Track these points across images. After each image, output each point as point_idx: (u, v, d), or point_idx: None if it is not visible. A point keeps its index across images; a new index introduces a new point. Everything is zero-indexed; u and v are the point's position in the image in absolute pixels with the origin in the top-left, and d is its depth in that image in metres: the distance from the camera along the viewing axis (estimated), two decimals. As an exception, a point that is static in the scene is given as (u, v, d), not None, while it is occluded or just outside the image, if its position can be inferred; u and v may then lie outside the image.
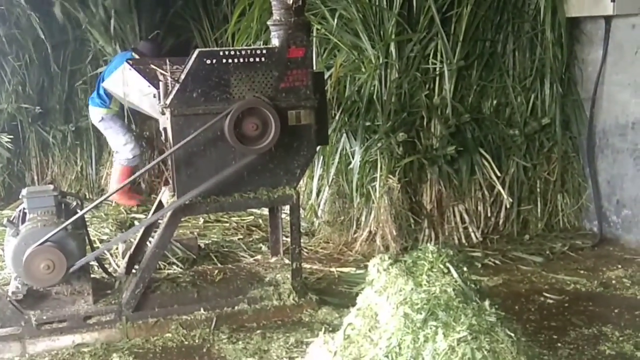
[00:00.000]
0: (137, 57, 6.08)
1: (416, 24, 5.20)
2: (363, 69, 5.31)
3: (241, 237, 5.68)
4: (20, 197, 3.80)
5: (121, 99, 4.79)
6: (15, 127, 7.04)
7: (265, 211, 5.42)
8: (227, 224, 5.99)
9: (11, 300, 3.59)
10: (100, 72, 6.57)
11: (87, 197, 7.00)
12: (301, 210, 5.19)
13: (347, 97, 5.33)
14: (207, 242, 5.46)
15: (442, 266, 2.89)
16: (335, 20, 5.20)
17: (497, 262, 4.92)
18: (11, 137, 6.87)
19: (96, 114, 6.36)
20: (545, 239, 5.37)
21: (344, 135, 5.31)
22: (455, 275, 2.82)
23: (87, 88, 7.11)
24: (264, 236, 5.65)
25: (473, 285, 2.85)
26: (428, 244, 3.09)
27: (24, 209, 3.79)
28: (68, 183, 7.13)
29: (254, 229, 5.91)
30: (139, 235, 4.32)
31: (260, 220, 6.05)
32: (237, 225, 5.97)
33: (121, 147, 6.39)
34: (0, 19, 6.78)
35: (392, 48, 5.18)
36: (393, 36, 5.15)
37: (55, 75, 7.09)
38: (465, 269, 2.92)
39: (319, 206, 5.59)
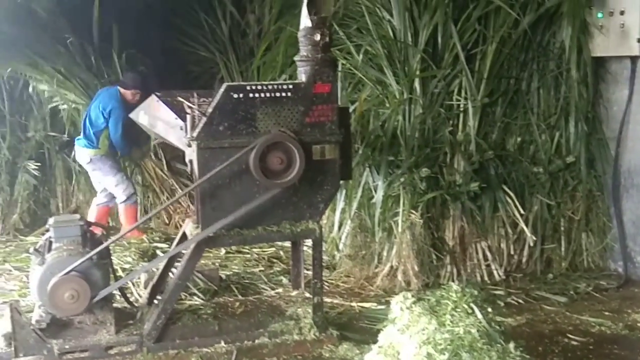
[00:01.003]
0: (123, 90, 6.17)
1: (441, 60, 5.25)
2: (387, 104, 5.35)
3: (262, 269, 5.68)
4: (46, 225, 3.85)
5: (148, 130, 4.84)
6: (42, 155, 7.16)
7: (287, 243, 5.44)
8: (249, 255, 6.00)
9: (35, 329, 3.61)
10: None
11: (111, 225, 7.05)
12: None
13: (370, 131, 5.36)
14: (228, 273, 5.47)
15: (466, 306, 2.88)
16: (361, 55, 5.25)
17: (520, 301, 4.87)
18: (38, 164, 6.98)
19: (84, 155, 6.18)
20: (569, 279, 5.30)
21: (367, 169, 5.32)
22: (479, 315, 2.81)
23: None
24: (284, 268, 5.66)
25: (497, 327, 2.83)
26: (452, 283, 3.08)
27: (50, 237, 3.84)
28: (92, 211, 7.17)
29: (275, 260, 5.91)
30: (162, 265, 4.34)
31: (281, 252, 6.06)
32: (258, 256, 5.97)
33: (113, 188, 6.22)
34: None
35: (417, 84, 5.22)
36: (417, 72, 5.19)
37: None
38: (489, 309, 2.90)
39: (340, 239, 5.58)
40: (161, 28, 7.62)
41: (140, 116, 4.86)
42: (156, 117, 4.55)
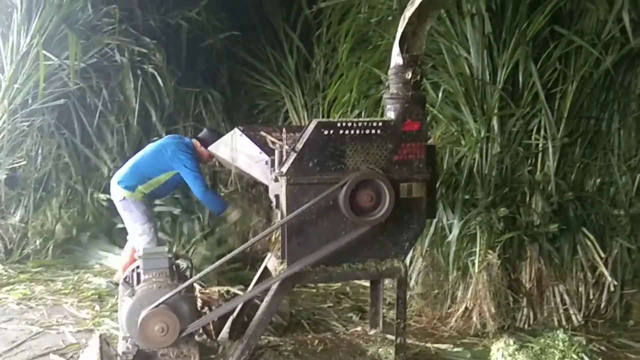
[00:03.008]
0: (200, 147, 5.57)
1: (519, 98, 5.20)
2: (463, 142, 5.30)
3: (331, 304, 5.63)
4: (135, 257, 3.87)
5: (227, 164, 4.86)
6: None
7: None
8: (315, 290, 5.95)
9: (122, 361, 3.61)
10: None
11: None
12: (391, 282, 5.13)
13: (445, 169, 5.31)
14: (297, 308, 5.43)
15: (575, 356, 2.78)
16: (440, 94, 5.22)
17: (602, 348, 4.69)
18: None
19: (118, 192, 5.49)
20: (650, 326, 5.13)
21: (441, 207, 5.25)
22: (592, 367, 2.70)
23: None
24: (353, 305, 5.62)
25: (611, 379, 2.72)
26: (558, 331, 2.98)
27: (137, 268, 3.85)
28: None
29: (342, 296, 5.87)
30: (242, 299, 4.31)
31: (348, 288, 6.01)
32: (325, 292, 5.93)
33: (136, 236, 5.45)
34: (105, 86, 7.08)
35: (495, 122, 5.17)
36: (496, 110, 5.14)
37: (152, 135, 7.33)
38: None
39: (411, 278, 5.50)
40: (229, 62, 7.78)
41: (220, 149, 4.89)
42: (238, 150, 4.57)
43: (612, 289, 5.17)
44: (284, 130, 3.96)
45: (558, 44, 5.10)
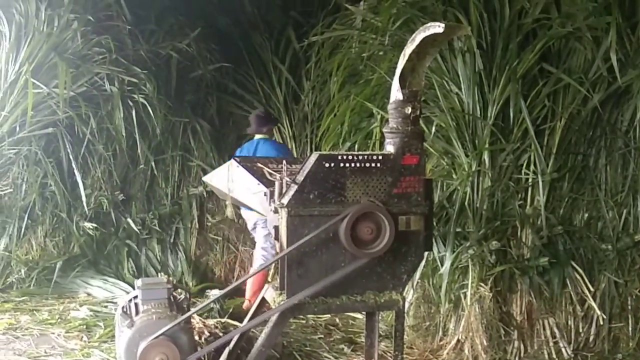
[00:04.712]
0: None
1: (510, 134, 5.29)
2: (454, 176, 5.38)
3: (321, 336, 5.63)
4: (135, 287, 3.85)
5: (223, 195, 4.88)
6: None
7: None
8: (304, 321, 5.95)
9: (119, 393, 3.57)
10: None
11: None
12: (382, 313, 5.14)
13: (437, 202, 5.37)
14: (289, 340, 5.41)
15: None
16: (433, 128, 5.31)
17: (593, 381, 4.77)
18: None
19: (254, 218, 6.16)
20: (638, 360, 5.20)
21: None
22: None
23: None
24: (344, 336, 5.62)
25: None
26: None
27: (134, 298, 3.83)
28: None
29: (332, 327, 5.87)
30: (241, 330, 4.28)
31: (338, 319, 6.01)
32: (315, 323, 5.93)
33: (269, 248, 6.10)
34: (93, 115, 7.05)
35: (486, 157, 5.26)
36: (487, 145, 5.23)
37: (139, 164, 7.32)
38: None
39: (402, 309, 5.52)
40: (218, 92, 7.84)
41: (215, 180, 4.92)
42: (235, 181, 4.60)
43: (600, 322, 5.23)
44: (284, 162, 4.00)
45: (547, 81, 5.22)
